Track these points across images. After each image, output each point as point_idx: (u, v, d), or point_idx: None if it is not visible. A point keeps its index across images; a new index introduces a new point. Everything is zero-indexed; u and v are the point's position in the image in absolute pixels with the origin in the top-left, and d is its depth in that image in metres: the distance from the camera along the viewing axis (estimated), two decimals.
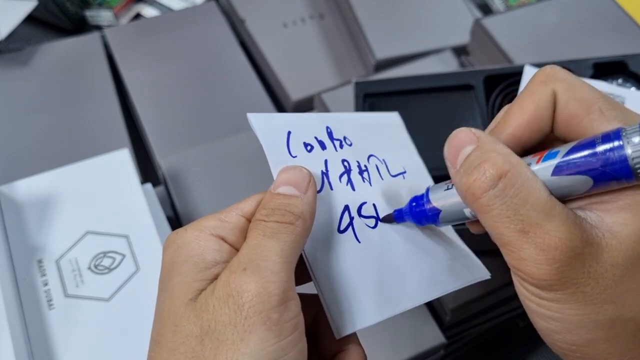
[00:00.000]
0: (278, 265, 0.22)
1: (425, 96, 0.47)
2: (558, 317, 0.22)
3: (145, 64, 0.62)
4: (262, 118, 0.27)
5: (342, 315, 0.25)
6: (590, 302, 0.21)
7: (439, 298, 0.44)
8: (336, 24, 0.68)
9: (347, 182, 0.28)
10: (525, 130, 0.24)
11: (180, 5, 0.72)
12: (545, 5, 0.59)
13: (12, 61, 0.60)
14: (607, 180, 0.21)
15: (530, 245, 0.21)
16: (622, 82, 0.48)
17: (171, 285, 0.23)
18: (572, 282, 0.21)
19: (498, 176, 0.22)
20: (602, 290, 0.21)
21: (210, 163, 0.51)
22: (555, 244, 0.21)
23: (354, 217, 0.27)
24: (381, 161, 0.30)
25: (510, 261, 0.22)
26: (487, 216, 0.22)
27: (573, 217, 0.22)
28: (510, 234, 0.22)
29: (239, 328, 0.21)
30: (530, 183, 0.22)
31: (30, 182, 0.43)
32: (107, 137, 0.55)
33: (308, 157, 0.27)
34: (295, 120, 0.28)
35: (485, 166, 0.22)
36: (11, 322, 0.35)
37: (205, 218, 0.25)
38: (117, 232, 0.41)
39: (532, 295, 0.22)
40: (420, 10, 0.66)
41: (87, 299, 0.38)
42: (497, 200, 0.22)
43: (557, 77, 0.24)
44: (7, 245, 0.40)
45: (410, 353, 0.42)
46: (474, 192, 0.22)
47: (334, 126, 0.29)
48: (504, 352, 0.56)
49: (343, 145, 0.29)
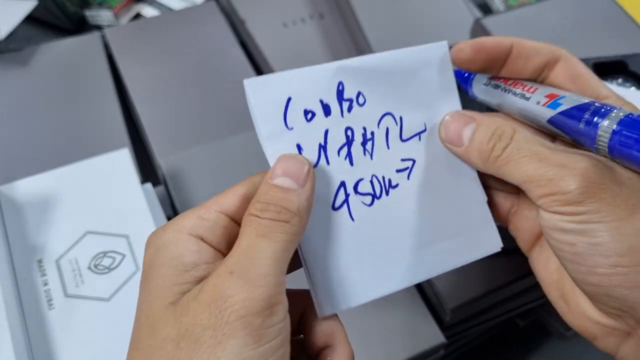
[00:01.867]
0: (268, 268, 0.21)
1: None
2: (597, 227, 0.23)
3: (145, 64, 0.62)
4: (259, 83, 0.25)
5: (327, 295, 0.25)
6: (623, 207, 0.23)
7: (439, 298, 0.44)
8: (336, 24, 0.68)
9: (346, 155, 0.26)
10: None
11: (180, 5, 0.72)
12: (545, 5, 0.59)
13: (12, 61, 0.60)
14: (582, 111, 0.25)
15: (552, 167, 0.24)
16: (622, 82, 0.48)
17: (149, 288, 0.23)
18: (600, 187, 0.23)
19: (510, 136, 0.26)
20: (629, 195, 0.23)
21: (210, 163, 0.51)
22: (572, 159, 0.24)
23: (350, 194, 0.26)
24: (397, 121, 0.27)
25: (540, 191, 0.24)
26: (509, 166, 0.25)
27: (580, 150, 0.25)
28: (533, 166, 0.24)
29: (218, 332, 0.20)
30: (533, 136, 0.26)
31: (30, 182, 0.43)
32: (107, 137, 0.55)
33: (306, 128, 0.25)
34: (301, 78, 0.25)
35: (498, 132, 0.26)
36: (11, 322, 0.35)
37: (183, 216, 0.24)
38: (117, 232, 0.41)
39: (567, 215, 0.24)
40: (420, 10, 0.66)
41: (87, 299, 0.38)
42: (514, 149, 0.25)
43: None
44: (7, 245, 0.40)
45: (410, 353, 0.42)
46: (496, 153, 0.26)
47: (349, 80, 0.26)
48: (504, 352, 0.56)
49: (352, 107, 0.26)
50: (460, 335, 0.48)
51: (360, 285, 0.26)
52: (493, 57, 0.29)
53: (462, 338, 0.50)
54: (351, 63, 0.26)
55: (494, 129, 0.27)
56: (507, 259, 0.46)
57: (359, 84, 0.27)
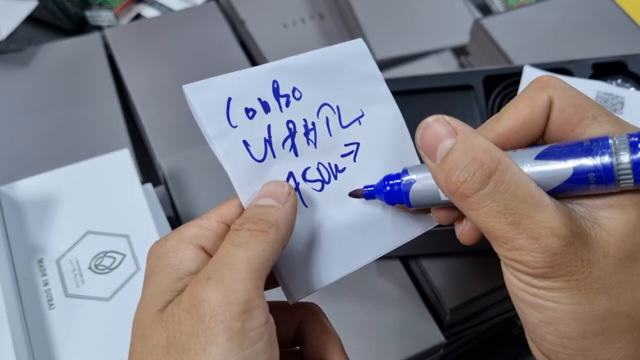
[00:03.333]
0: (242, 273, 0.22)
1: (425, 96, 0.47)
2: (551, 307, 0.22)
3: (145, 64, 0.62)
4: (199, 87, 0.26)
5: (295, 281, 0.26)
6: (585, 292, 0.21)
7: (439, 298, 0.44)
8: (336, 24, 0.68)
9: (290, 147, 0.27)
10: (516, 133, 0.24)
11: (180, 5, 0.72)
12: (545, 5, 0.60)
13: (12, 61, 0.60)
14: (587, 171, 0.22)
15: (522, 236, 0.21)
16: (621, 82, 0.48)
17: (144, 295, 0.24)
18: (566, 269, 0.21)
19: (488, 175, 0.22)
20: (596, 279, 0.21)
21: (210, 163, 0.51)
22: (546, 233, 0.21)
23: (300, 182, 0.27)
24: (334, 110, 0.29)
25: (503, 252, 0.22)
26: (476, 213, 0.22)
27: (562, 208, 0.22)
28: (502, 228, 0.22)
29: (201, 338, 0.21)
30: (518, 176, 0.22)
31: (31, 182, 0.43)
32: (108, 137, 0.55)
33: (249, 125, 0.26)
34: (238, 80, 0.27)
35: (473, 166, 0.22)
36: (12, 321, 0.35)
37: (186, 226, 0.25)
38: (117, 232, 0.41)
39: (525, 285, 0.22)
40: (420, 10, 0.66)
41: (87, 299, 0.38)
42: (488, 198, 0.22)
43: (554, 84, 0.24)
44: (8, 245, 0.40)
45: (409, 352, 0.43)
46: (464, 192, 0.22)
47: (282, 78, 0.28)
48: (504, 351, 0.56)
49: (290, 102, 0.28)
50: (460, 335, 0.49)
51: (324, 266, 0.27)
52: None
53: (462, 338, 0.50)
54: (282, 62, 0.28)
55: (471, 158, 0.22)
56: None
57: (293, 80, 0.28)
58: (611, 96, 0.44)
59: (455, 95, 0.47)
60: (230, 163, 0.26)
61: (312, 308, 0.28)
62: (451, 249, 0.46)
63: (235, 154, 0.26)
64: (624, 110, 0.44)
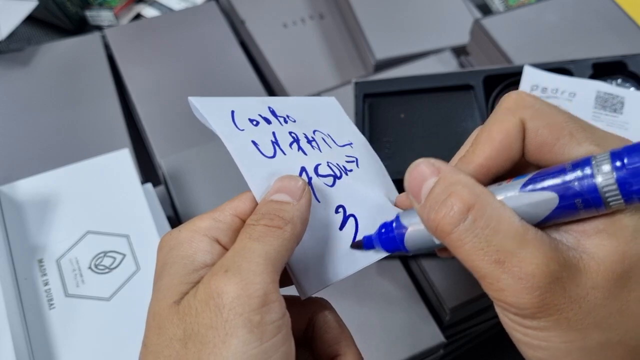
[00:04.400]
0: (261, 267, 0.22)
1: (425, 96, 0.47)
2: (545, 346, 0.21)
3: (145, 64, 0.62)
4: (204, 100, 0.28)
5: (307, 276, 0.26)
6: (576, 328, 0.21)
7: (439, 298, 0.44)
8: (336, 24, 0.68)
9: (297, 149, 0.28)
10: (494, 160, 0.24)
11: (180, 5, 0.72)
12: (545, 5, 0.60)
13: (12, 61, 0.60)
14: (572, 197, 0.21)
15: (508, 275, 0.21)
16: (621, 82, 0.48)
17: (158, 287, 0.23)
18: (555, 308, 0.21)
19: (466, 209, 0.21)
20: (586, 314, 0.21)
21: (210, 163, 0.51)
22: (532, 271, 0.20)
23: (312, 177, 0.27)
24: (326, 135, 0.31)
25: (490, 292, 0.22)
26: (460, 250, 0.22)
27: (548, 241, 0.21)
28: (486, 266, 0.21)
29: (220, 331, 0.21)
30: (499, 211, 0.21)
31: (31, 182, 0.43)
32: (108, 137, 0.55)
33: (255, 130, 0.27)
34: (237, 101, 0.28)
35: (451, 200, 0.22)
36: (12, 321, 0.35)
37: (200, 218, 0.25)
38: (117, 232, 0.41)
39: (516, 324, 0.22)
40: (420, 10, 0.66)
41: (87, 299, 0.38)
42: (469, 233, 0.21)
43: (524, 104, 0.24)
44: (8, 245, 0.40)
45: (409, 352, 0.43)
46: (443, 228, 0.22)
47: (275, 107, 0.30)
48: (503, 351, 0.56)
49: (287, 121, 0.29)
50: (460, 335, 0.49)
51: (337, 261, 0.27)
52: None
53: (462, 338, 0.50)
54: (273, 99, 0.30)
55: (449, 193, 0.22)
56: None
57: (285, 110, 0.30)
58: (611, 96, 0.44)
59: (455, 95, 0.47)
60: (242, 158, 0.26)
61: (322, 303, 0.28)
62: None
63: (245, 150, 0.26)
64: (624, 110, 0.44)
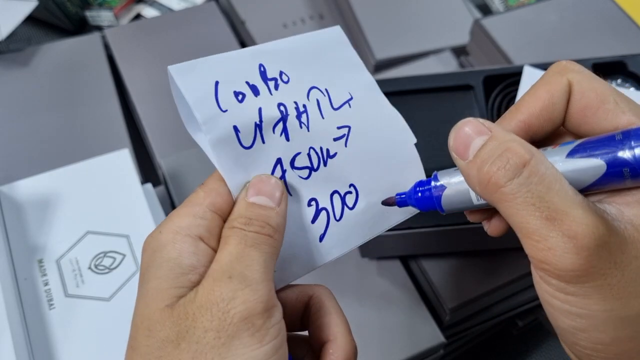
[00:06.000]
0: (262, 274, 0.23)
1: (425, 96, 0.47)
2: (584, 314, 0.21)
3: (145, 64, 0.62)
4: (184, 69, 0.25)
5: (280, 267, 0.26)
6: (617, 296, 0.21)
7: (439, 298, 0.44)
8: (336, 24, 0.68)
9: (281, 132, 0.27)
10: (537, 118, 0.24)
11: (180, 5, 0.72)
12: (545, 5, 0.60)
13: (12, 61, 0.60)
14: (621, 165, 0.21)
15: (557, 233, 0.20)
16: (621, 82, 0.48)
17: (146, 289, 0.23)
18: (600, 272, 0.20)
19: (522, 164, 0.21)
20: (628, 282, 0.21)
21: (210, 163, 0.51)
22: (582, 231, 0.20)
23: (287, 170, 0.27)
24: (323, 92, 0.29)
25: (535, 253, 0.21)
26: (510, 205, 0.21)
27: (594, 207, 0.21)
28: (536, 222, 0.21)
29: (222, 333, 0.21)
30: (553, 171, 0.21)
31: (31, 182, 0.43)
32: (108, 137, 0.55)
33: (240, 109, 0.26)
34: (224, 63, 0.26)
35: (507, 154, 0.22)
36: (12, 321, 0.35)
37: (177, 215, 0.24)
38: (117, 232, 0.41)
39: (556, 291, 0.21)
40: (420, 10, 0.66)
41: (87, 299, 0.38)
42: (522, 187, 0.21)
43: (572, 68, 0.24)
44: (8, 245, 0.40)
45: (409, 352, 0.43)
46: (497, 181, 0.22)
47: (267, 62, 0.27)
48: (503, 351, 0.56)
49: (279, 85, 0.27)
50: (460, 335, 0.49)
51: (309, 252, 0.27)
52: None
53: (462, 338, 0.50)
54: (265, 47, 0.28)
55: (505, 148, 0.22)
56: (506, 259, 0.46)
57: (279, 64, 0.28)
58: None
59: (455, 95, 0.47)
60: (217, 151, 0.25)
61: (319, 289, 0.28)
62: (451, 249, 0.46)
63: (223, 140, 0.25)
64: None
